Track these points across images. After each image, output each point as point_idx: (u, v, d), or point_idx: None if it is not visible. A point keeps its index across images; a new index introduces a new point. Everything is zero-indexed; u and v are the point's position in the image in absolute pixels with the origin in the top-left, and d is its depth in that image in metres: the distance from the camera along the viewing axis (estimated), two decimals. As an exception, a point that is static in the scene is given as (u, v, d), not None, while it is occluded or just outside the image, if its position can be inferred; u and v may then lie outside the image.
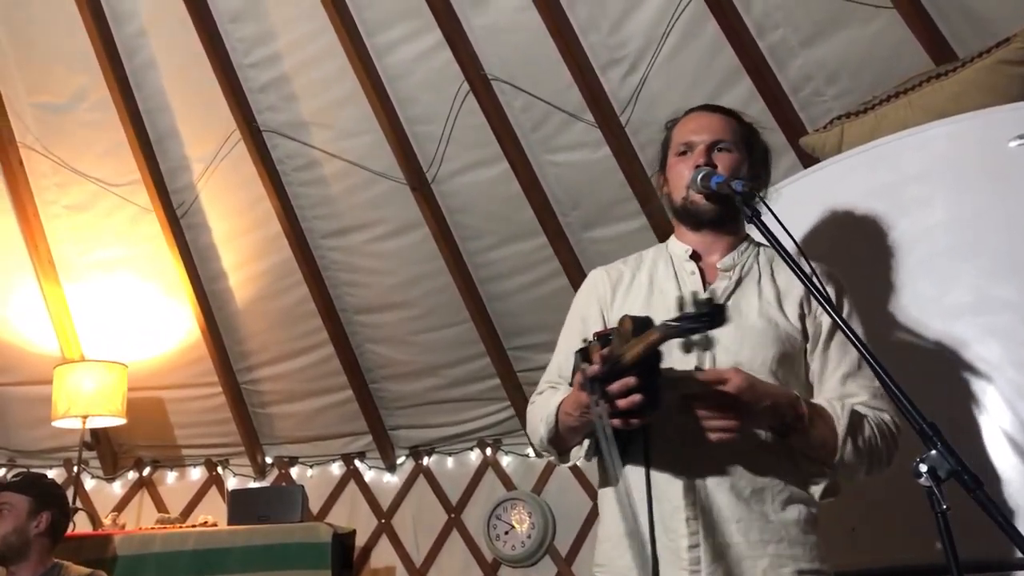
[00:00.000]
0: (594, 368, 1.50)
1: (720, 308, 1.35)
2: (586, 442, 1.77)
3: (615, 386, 1.50)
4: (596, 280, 1.98)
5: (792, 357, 1.77)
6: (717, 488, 1.67)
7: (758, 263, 1.87)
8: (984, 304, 2.15)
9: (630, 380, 1.49)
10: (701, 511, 1.65)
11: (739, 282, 1.84)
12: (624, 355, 1.48)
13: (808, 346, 1.80)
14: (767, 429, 1.68)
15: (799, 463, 1.72)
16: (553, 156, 4.18)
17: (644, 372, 1.50)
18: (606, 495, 1.82)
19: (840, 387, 1.75)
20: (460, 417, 4.78)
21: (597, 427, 1.49)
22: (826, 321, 1.79)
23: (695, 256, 1.90)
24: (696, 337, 1.41)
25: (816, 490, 1.72)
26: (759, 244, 1.91)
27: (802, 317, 1.80)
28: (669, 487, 1.68)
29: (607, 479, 1.82)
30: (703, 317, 1.35)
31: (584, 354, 1.63)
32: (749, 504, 1.66)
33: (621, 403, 1.51)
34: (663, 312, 1.80)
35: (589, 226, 4.24)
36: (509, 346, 4.55)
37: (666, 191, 1.97)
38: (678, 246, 1.94)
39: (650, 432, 1.69)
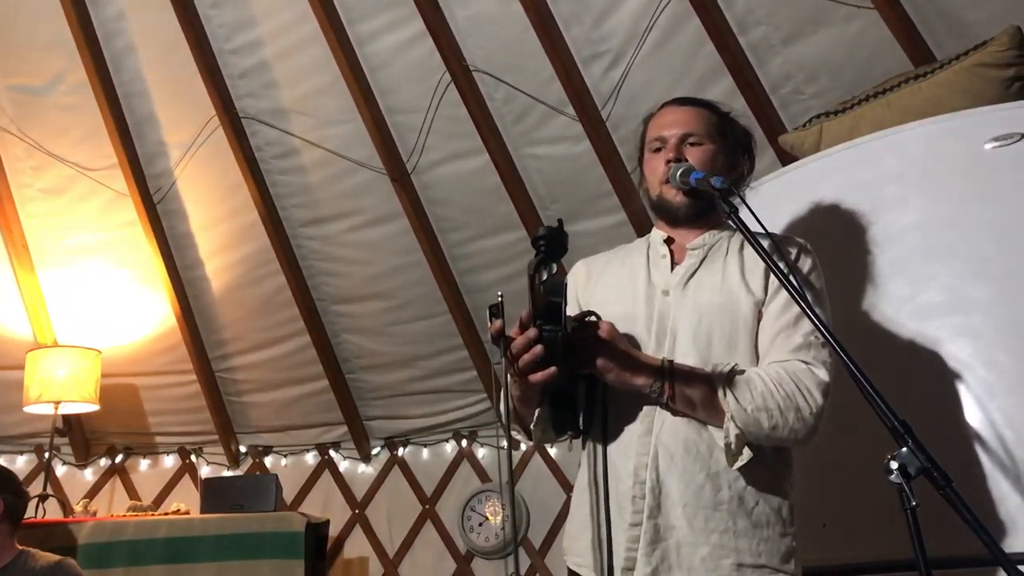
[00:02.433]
0: (495, 325, 1.54)
1: (556, 232, 1.45)
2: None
3: (518, 341, 1.56)
4: (576, 271, 2.01)
5: (753, 330, 1.76)
6: (669, 470, 1.67)
7: (728, 242, 1.88)
8: (957, 304, 2.17)
9: (531, 333, 1.55)
10: (650, 492, 1.66)
11: (703, 260, 1.85)
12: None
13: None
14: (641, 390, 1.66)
15: (764, 450, 1.70)
16: (534, 149, 4.18)
17: (547, 321, 1.55)
18: (578, 476, 1.85)
19: (768, 347, 1.73)
20: (436, 409, 4.78)
21: (504, 384, 1.59)
22: (779, 298, 1.77)
23: (668, 240, 1.92)
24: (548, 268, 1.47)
25: (726, 455, 1.65)
26: (738, 228, 1.91)
27: (766, 288, 1.78)
28: (623, 466, 1.70)
29: (582, 470, 1.84)
30: (540, 242, 1.45)
31: (494, 313, 1.63)
32: (701, 489, 1.65)
33: (525, 356, 1.55)
34: (631, 293, 1.83)
35: (569, 220, 4.22)
36: (486, 339, 4.55)
37: (644, 187, 1.99)
38: (657, 233, 1.97)
39: (608, 412, 1.73)
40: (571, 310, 1.82)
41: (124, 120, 4.50)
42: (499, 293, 1.56)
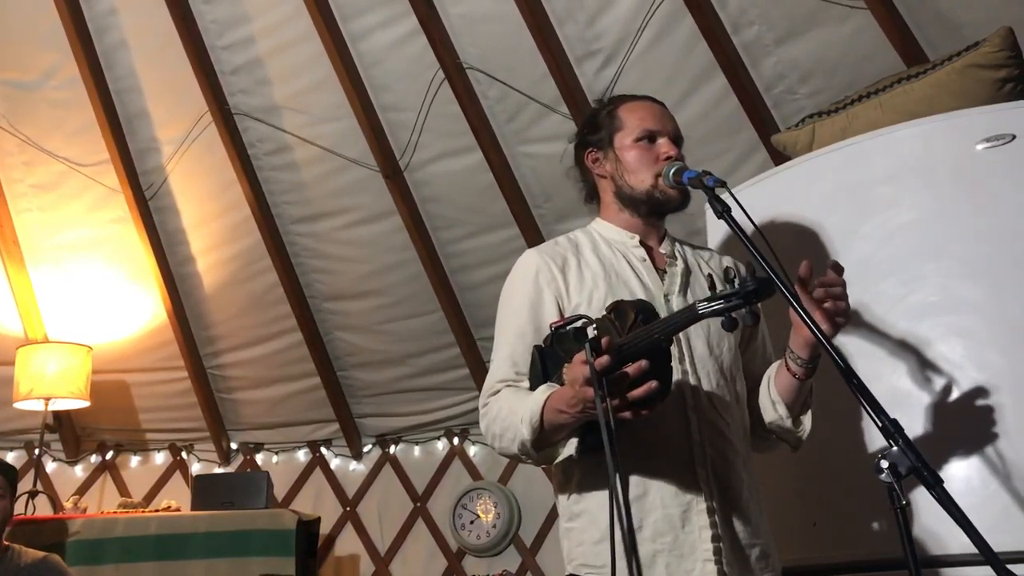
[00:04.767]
0: (603, 360, 1.43)
1: (768, 280, 1.34)
2: (572, 440, 1.68)
3: (631, 371, 1.44)
4: (538, 265, 1.87)
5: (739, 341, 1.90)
6: (723, 479, 1.72)
7: (688, 254, 1.95)
8: (948, 304, 2.17)
9: (643, 364, 1.44)
10: (716, 502, 1.69)
11: (689, 269, 1.89)
12: (641, 339, 1.45)
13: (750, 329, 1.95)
14: (809, 355, 1.75)
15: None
16: (527, 147, 4.18)
17: (658, 356, 1.46)
18: (595, 495, 1.74)
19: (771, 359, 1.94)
20: (428, 406, 4.78)
21: (602, 422, 1.40)
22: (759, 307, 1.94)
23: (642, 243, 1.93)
24: (743, 313, 1.37)
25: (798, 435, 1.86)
26: (673, 237, 1.99)
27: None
28: (682, 478, 1.69)
29: (595, 478, 1.74)
30: (752, 295, 1.33)
31: (548, 346, 1.61)
32: (746, 495, 1.74)
33: (638, 392, 1.45)
34: (628, 296, 1.83)
35: (562, 218, 4.24)
36: (479, 336, 4.55)
37: (604, 170, 1.96)
38: (614, 231, 1.94)
39: (640, 425, 1.63)
40: (551, 310, 1.81)
41: (116, 116, 4.48)
42: (592, 328, 1.47)
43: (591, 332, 1.49)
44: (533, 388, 1.69)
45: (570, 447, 1.69)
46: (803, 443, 1.89)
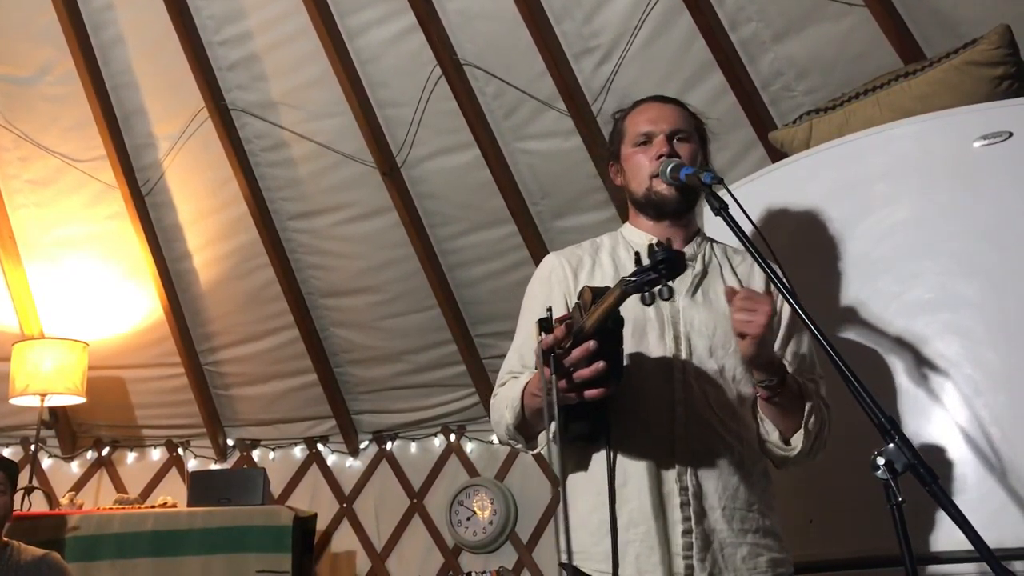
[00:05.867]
0: (548, 339, 1.47)
1: (678, 253, 1.33)
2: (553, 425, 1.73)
3: (575, 352, 1.46)
4: (553, 266, 1.93)
5: None
6: (707, 475, 1.70)
7: (715, 256, 1.91)
8: (945, 302, 2.17)
9: (590, 345, 1.45)
10: (693, 497, 1.68)
11: (705, 271, 1.86)
12: (584, 323, 1.45)
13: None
14: (762, 377, 1.68)
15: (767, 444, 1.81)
16: (524, 144, 4.18)
17: (606, 338, 1.47)
18: (578, 480, 1.77)
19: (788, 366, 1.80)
20: (425, 403, 4.78)
21: (545, 402, 1.47)
22: (785, 309, 1.85)
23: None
24: (659, 289, 1.35)
25: (778, 454, 1.79)
26: (709, 239, 1.96)
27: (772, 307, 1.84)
28: (661, 471, 1.69)
29: (580, 465, 1.78)
30: (660, 265, 1.32)
31: (544, 328, 1.62)
32: (736, 492, 1.71)
33: (584, 371, 1.48)
34: (635, 296, 1.82)
35: (559, 215, 4.24)
36: (476, 333, 4.56)
37: (620, 181, 1.99)
38: (636, 234, 1.94)
39: (628, 416, 1.69)
40: (561, 309, 1.81)
41: (112, 111, 4.47)
42: (548, 307, 1.52)
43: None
44: None
45: (545, 437, 1.72)
46: (788, 463, 1.81)
